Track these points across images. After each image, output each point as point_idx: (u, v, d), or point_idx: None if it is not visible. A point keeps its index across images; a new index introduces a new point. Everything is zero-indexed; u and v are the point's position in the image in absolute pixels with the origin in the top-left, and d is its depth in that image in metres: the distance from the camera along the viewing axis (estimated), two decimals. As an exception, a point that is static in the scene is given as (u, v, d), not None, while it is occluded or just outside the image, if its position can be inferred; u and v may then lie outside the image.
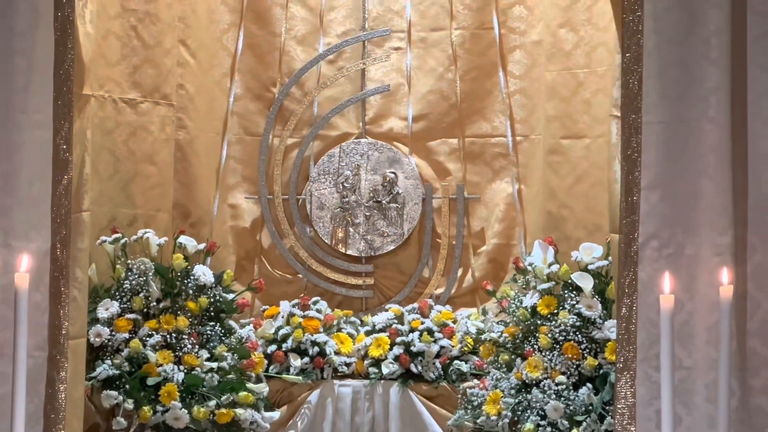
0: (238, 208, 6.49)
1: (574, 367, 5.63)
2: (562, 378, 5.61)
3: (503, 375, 5.75)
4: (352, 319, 6.26)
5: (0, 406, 4.77)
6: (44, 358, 5.01)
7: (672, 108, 5.01)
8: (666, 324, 4.45)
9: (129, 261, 5.89)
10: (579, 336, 5.65)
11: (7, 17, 5.04)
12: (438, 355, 6.01)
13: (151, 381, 5.67)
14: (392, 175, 6.39)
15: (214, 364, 5.79)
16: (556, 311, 5.71)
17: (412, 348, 6.00)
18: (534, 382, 5.63)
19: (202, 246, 6.04)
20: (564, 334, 5.66)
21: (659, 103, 5.01)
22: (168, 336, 5.78)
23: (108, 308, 5.76)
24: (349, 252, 6.43)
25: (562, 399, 5.56)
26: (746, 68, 5.03)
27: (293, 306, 6.20)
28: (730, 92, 5.01)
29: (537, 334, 5.71)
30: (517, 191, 6.35)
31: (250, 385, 5.82)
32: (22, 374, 4.43)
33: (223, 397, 5.71)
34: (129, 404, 5.63)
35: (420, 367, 5.99)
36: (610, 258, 5.67)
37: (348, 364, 6.07)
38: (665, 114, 5.02)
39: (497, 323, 5.95)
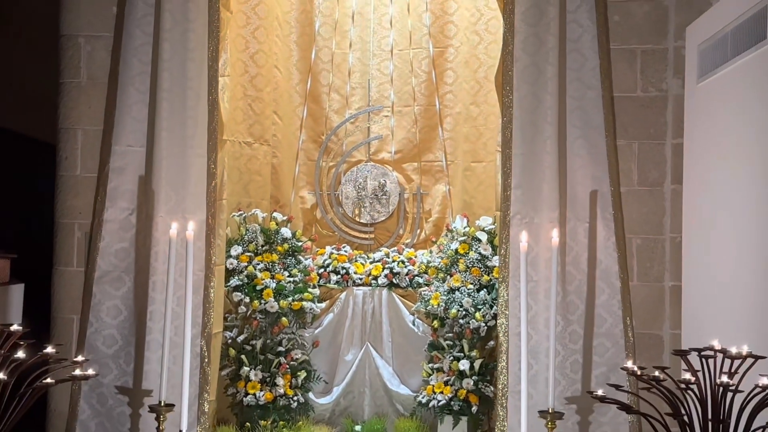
0: (304, 198, 6.39)
1: (477, 281, 5.65)
2: (471, 286, 5.63)
3: (440, 284, 5.76)
4: (363, 255, 6.22)
5: (181, 302, 4.84)
6: (203, 275, 5.11)
7: (527, 146, 5.07)
8: (523, 258, 4.59)
9: (247, 226, 5.87)
10: (480, 264, 5.67)
11: (183, 99, 5.14)
12: (407, 274, 5.98)
13: (258, 287, 5.67)
14: (384, 182, 6.32)
15: (291, 279, 5.79)
16: (467, 251, 5.72)
17: (393, 270, 5.98)
18: (456, 288, 5.65)
19: (285, 218, 6.00)
20: (472, 263, 5.68)
21: (521, 143, 5.07)
22: (267, 264, 5.78)
23: (236, 250, 5.76)
24: (362, 221, 6.35)
25: (471, 297, 5.59)
26: (566, 127, 5.10)
27: (333, 249, 6.16)
28: (557, 138, 5.07)
29: (458, 263, 5.72)
30: (448, 190, 6.26)
31: (309, 290, 5.83)
32: (190, 283, 4.59)
33: (296, 296, 5.72)
34: (246, 299, 5.64)
35: (398, 280, 5.97)
36: (496, 224, 5.66)
37: (361, 279, 6.04)
38: (524, 149, 5.07)
39: (438, 258, 5.93)
